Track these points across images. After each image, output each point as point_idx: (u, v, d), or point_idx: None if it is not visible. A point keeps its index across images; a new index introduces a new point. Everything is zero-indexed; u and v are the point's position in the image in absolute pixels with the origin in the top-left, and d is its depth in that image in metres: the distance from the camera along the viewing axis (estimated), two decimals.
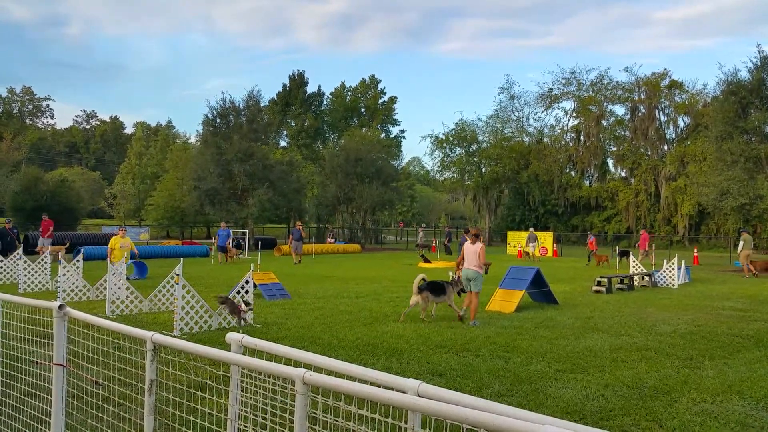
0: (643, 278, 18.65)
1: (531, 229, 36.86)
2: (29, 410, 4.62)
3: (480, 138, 60.46)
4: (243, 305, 10.30)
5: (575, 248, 45.88)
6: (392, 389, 2.44)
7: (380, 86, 76.66)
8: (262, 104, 50.04)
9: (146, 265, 20.17)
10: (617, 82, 56.05)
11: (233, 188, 43.54)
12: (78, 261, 16.13)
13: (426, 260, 28.03)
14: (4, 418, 4.83)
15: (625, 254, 26.02)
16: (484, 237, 47.19)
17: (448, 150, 60.77)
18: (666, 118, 54.72)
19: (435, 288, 11.57)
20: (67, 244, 22.11)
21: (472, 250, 11.58)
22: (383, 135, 70.49)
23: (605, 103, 56.81)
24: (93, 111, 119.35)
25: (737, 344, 9.48)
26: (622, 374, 7.49)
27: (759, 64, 35.35)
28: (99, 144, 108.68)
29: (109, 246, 16.88)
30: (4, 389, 4.89)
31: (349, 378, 2.62)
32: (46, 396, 4.28)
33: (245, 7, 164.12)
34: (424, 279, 11.53)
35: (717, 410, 6.10)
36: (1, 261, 17.69)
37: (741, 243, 23.34)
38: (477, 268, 11.52)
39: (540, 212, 56.75)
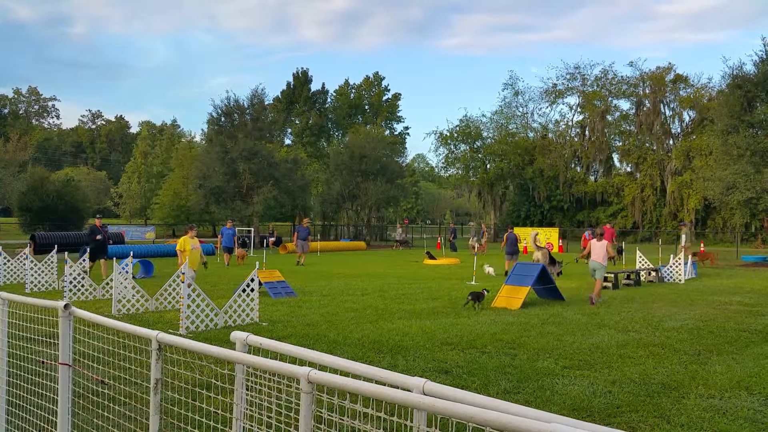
0: (649, 273, 18.59)
1: (471, 224, 37.31)
2: (36, 409, 4.63)
3: (484, 134, 60.33)
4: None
5: (581, 244, 45.76)
6: (397, 387, 2.42)
7: (384, 83, 76.58)
8: (266, 102, 50.05)
9: (152, 264, 20.22)
10: (622, 76, 55.87)
11: (238, 186, 43.58)
12: (84, 260, 16.19)
13: (431, 257, 28.01)
14: (11, 418, 4.84)
15: (619, 251, 26.31)
16: (489, 233, 47.20)
17: (452, 146, 60.66)
18: (671, 113, 54.49)
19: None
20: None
21: (598, 246, 14.10)
22: (387, 132, 70.44)
23: (610, 98, 56.58)
24: (98, 111, 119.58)
25: (745, 339, 9.43)
26: (630, 370, 7.46)
27: (765, 57, 35.10)
28: (104, 144, 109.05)
29: (177, 247, 14.20)
30: (10, 389, 4.90)
31: (354, 376, 2.61)
32: (52, 395, 4.29)
33: (249, 4, 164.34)
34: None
35: (725, 406, 6.07)
36: (84, 262, 16.63)
37: (683, 237, 23.25)
38: (602, 260, 13.92)
39: (545, 208, 56.63)
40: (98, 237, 18.39)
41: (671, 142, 54.10)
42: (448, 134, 60.03)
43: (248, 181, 43.16)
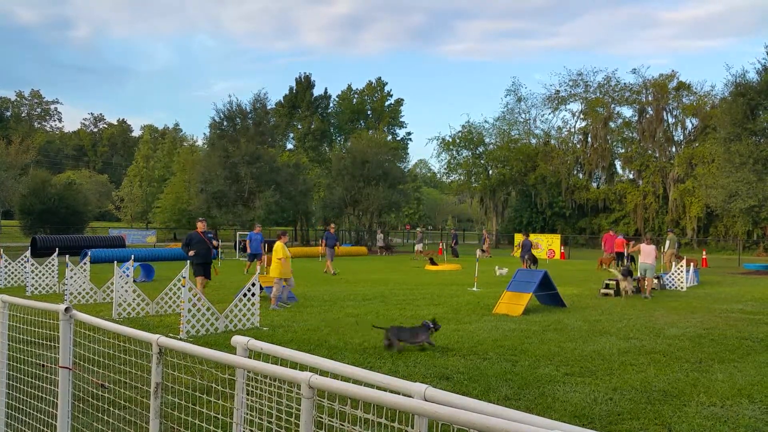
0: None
1: (418, 230, 37.76)
2: (35, 413, 4.62)
3: (487, 140, 60.36)
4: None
5: (583, 251, 45.75)
6: (399, 393, 2.41)
7: (387, 88, 76.64)
8: (268, 107, 50.13)
9: (153, 268, 20.22)
10: (625, 83, 55.89)
11: (240, 191, 43.63)
12: (85, 264, 16.19)
13: (433, 263, 27.99)
14: (11, 421, 4.83)
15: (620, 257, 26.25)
16: (491, 240, 47.19)
17: (454, 152, 60.68)
18: (674, 120, 54.51)
19: (629, 273, 16.40)
20: None
21: (648, 249, 16.63)
22: (390, 137, 70.45)
23: (613, 105, 56.59)
24: (101, 114, 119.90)
25: (747, 347, 9.40)
26: (631, 378, 7.43)
27: (767, 65, 35.17)
28: (106, 147, 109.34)
29: (277, 255, 13.36)
30: (10, 392, 4.89)
31: (356, 381, 2.60)
32: (52, 399, 4.28)
33: (252, 9, 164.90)
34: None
35: (726, 414, 6.04)
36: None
37: (667, 243, 23.29)
38: (652, 262, 16.34)
39: (547, 214, 56.59)
40: (192, 253, 13.65)
41: (674, 149, 54.10)
42: (451, 140, 60.08)
43: (250, 186, 43.21)
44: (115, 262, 13.31)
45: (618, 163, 58.41)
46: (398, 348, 8.68)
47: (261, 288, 12.25)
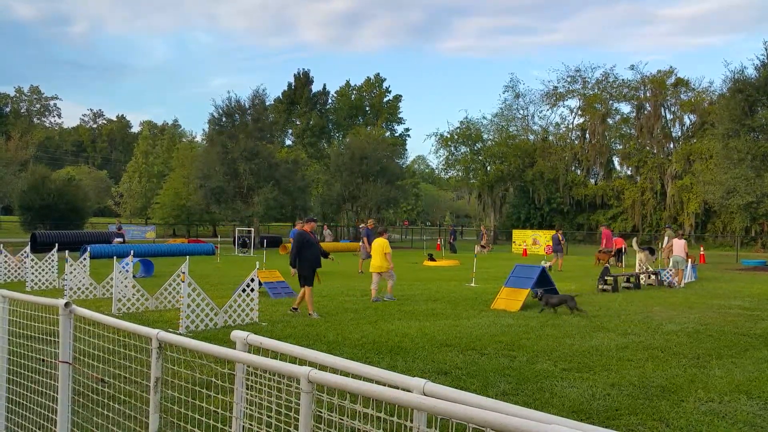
0: (649, 277, 18.58)
1: (362, 226, 38.04)
2: (35, 407, 4.63)
3: (485, 136, 60.29)
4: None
5: (581, 246, 45.81)
6: (397, 388, 2.43)
7: (385, 85, 76.62)
8: (267, 103, 50.08)
9: (152, 263, 20.23)
10: (623, 80, 55.90)
11: (239, 187, 43.61)
12: (85, 259, 16.19)
13: (432, 258, 28.02)
14: (11, 416, 4.84)
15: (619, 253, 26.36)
16: (489, 236, 47.22)
17: (452, 148, 60.61)
18: (672, 116, 54.55)
19: (652, 251, 19.59)
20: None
21: (680, 244, 18.35)
22: (388, 133, 70.47)
23: (611, 102, 56.59)
24: (100, 110, 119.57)
25: (745, 343, 9.42)
26: (629, 373, 7.45)
27: (766, 61, 35.11)
28: (106, 143, 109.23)
29: (386, 250, 13.74)
30: (10, 387, 4.90)
31: (355, 376, 2.61)
32: (52, 393, 4.29)
33: (250, 5, 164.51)
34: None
35: (724, 410, 6.07)
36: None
37: (665, 239, 23.36)
38: (683, 255, 18.23)
39: (545, 210, 56.62)
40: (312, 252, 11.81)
41: (672, 145, 54.13)
42: (449, 136, 60.01)
43: (249, 182, 43.19)
44: (115, 257, 13.31)
45: (616, 160, 58.51)
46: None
47: (260, 283, 12.26)
